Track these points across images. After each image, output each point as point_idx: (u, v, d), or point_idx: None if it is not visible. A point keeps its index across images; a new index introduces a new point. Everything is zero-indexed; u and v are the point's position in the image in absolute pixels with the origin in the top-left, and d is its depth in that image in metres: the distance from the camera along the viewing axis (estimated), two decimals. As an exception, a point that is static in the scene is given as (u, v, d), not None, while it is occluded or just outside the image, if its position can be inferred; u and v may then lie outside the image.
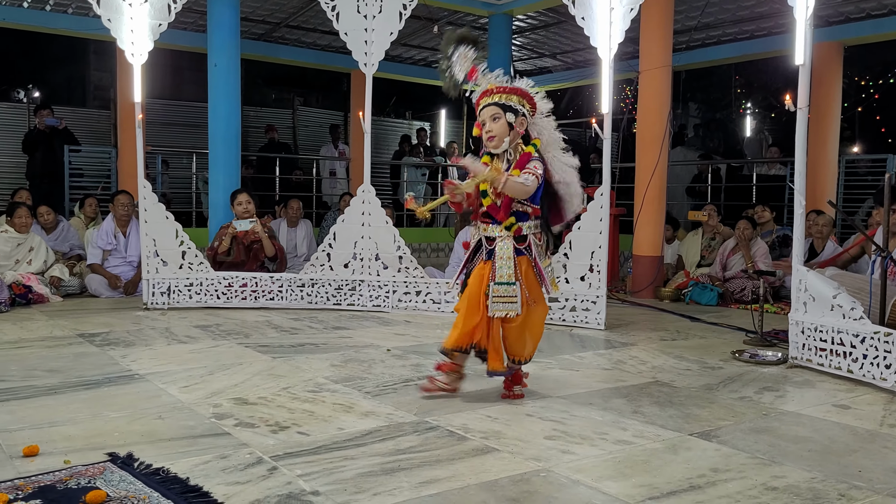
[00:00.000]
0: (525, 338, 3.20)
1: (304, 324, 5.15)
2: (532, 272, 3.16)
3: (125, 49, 5.54)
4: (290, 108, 14.39)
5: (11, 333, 4.60)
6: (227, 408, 3.04)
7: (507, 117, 3.10)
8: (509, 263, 3.09)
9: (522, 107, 3.13)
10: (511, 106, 3.10)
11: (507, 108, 3.10)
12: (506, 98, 3.11)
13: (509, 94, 3.12)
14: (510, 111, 3.10)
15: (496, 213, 3.13)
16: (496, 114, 3.10)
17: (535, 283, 3.18)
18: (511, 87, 3.13)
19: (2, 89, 13.86)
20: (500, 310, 3.07)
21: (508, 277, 3.07)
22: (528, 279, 3.15)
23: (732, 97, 15.33)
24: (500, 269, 3.09)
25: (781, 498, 2.20)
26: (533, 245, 3.16)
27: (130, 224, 6.67)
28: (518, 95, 3.13)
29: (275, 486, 2.21)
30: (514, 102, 3.11)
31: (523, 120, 3.14)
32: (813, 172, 7.28)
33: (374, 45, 5.74)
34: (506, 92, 3.12)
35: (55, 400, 3.11)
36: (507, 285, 3.07)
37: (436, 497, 2.16)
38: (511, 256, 3.10)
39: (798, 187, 4.00)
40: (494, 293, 3.07)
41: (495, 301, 3.07)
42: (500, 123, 3.10)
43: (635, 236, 6.99)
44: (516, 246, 3.13)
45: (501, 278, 3.08)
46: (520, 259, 3.13)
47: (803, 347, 3.96)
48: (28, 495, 2.10)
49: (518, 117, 3.12)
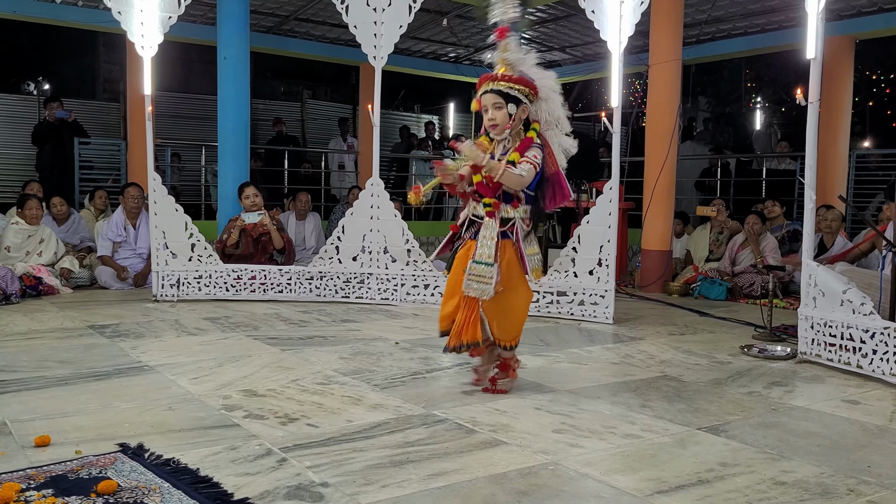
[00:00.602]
0: (506, 321, 3.19)
1: (312, 316, 5.16)
2: (515, 257, 3.15)
3: (135, 41, 5.55)
4: (299, 101, 14.40)
5: (22, 324, 4.63)
6: (237, 399, 3.05)
7: (508, 108, 3.11)
8: (491, 244, 3.07)
9: (526, 96, 3.13)
10: (514, 96, 3.10)
11: (510, 98, 3.10)
12: (510, 88, 3.10)
13: (514, 83, 3.11)
14: (512, 101, 3.10)
15: (485, 190, 3.13)
16: (498, 103, 3.11)
17: (518, 268, 3.17)
18: (517, 78, 3.12)
19: (12, 82, 13.92)
20: (472, 290, 3.05)
21: (488, 258, 3.05)
22: (510, 264, 3.14)
23: (742, 91, 15.26)
24: (480, 249, 3.08)
25: (790, 493, 2.20)
26: (519, 229, 3.15)
27: (140, 216, 6.70)
28: (523, 85, 3.12)
29: (284, 477, 2.22)
30: (518, 93, 3.11)
31: (525, 108, 3.15)
32: (823, 167, 7.24)
33: (384, 38, 5.73)
34: (511, 81, 3.11)
35: (66, 391, 3.13)
36: (485, 265, 3.04)
37: (444, 489, 2.16)
38: (494, 237, 3.08)
39: (808, 182, 3.98)
40: (471, 271, 3.06)
41: (470, 279, 3.06)
42: (502, 113, 3.11)
43: (644, 230, 6.97)
44: (501, 229, 3.12)
45: (481, 258, 3.06)
46: (504, 242, 3.13)
47: (812, 342, 3.95)
48: (40, 485, 2.12)
49: (520, 107, 3.13)
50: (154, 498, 2.04)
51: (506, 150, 3.17)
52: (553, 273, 5.33)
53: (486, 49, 3.28)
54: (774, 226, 7.46)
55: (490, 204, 3.12)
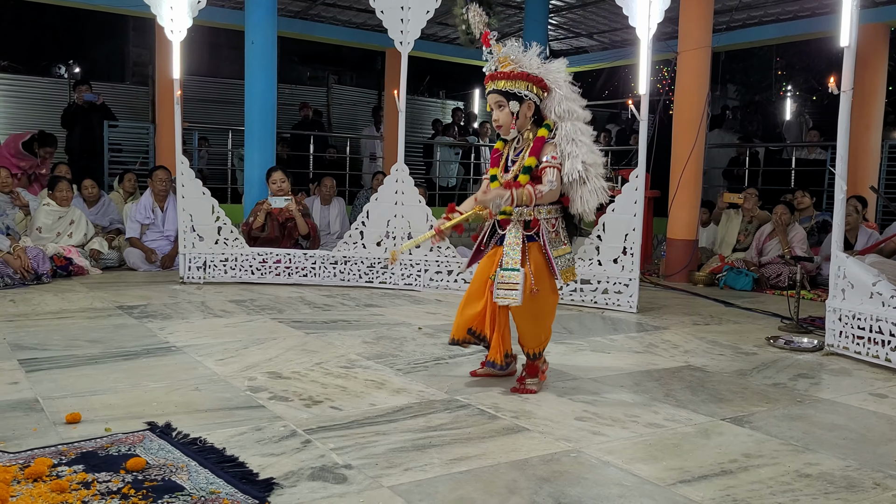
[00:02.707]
0: (534, 327, 3.07)
1: (336, 301, 5.20)
2: (543, 260, 3.01)
3: (164, 25, 5.59)
4: (325, 86, 14.43)
5: (53, 304, 4.71)
6: (262, 381, 3.09)
7: (510, 106, 3.00)
8: (517, 249, 2.97)
9: (530, 91, 3.00)
10: (515, 93, 2.98)
11: (510, 95, 2.99)
12: (510, 85, 2.98)
13: (514, 80, 2.98)
14: (514, 99, 2.99)
15: None
16: (500, 102, 3.01)
17: (545, 272, 3.02)
18: (517, 73, 2.99)
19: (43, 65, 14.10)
20: (501, 298, 2.93)
21: (514, 264, 2.94)
22: (538, 266, 2.99)
23: (773, 79, 15.04)
24: (506, 255, 2.97)
25: (815, 485, 2.18)
26: (544, 231, 3.00)
27: (168, 199, 6.78)
28: (524, 80, 2.99)
29: (308, 458, 2.25)
30: (520, 89, 2.98)
31: (531, 104, 3.02)
32: (854, 157, 7.12)
33: (411, 23, 5.72)
34: (510, 78, 2.99)
35: (96, 369, 3.19)
36: (512, 271, 2.93)
37: (466, 474, 2.18)
38: (519, 242, 2.98)
39: (839, 172, 3.92)
40: (500, 279, 2.94)
41: (498, 287, 2.94)
42: (504, 112, 3.01)
43: (670, 219, 6.91)
44: (525, 232, 3.00)
45: (507, 264, 2.95)
46: (531, 245, 3.00)
47: (840, 335, 3.90)
48: (71, 460, 2.16)
49: (524, 103, 3.00)
50: (181, 476, 2.08)
51: (518, 152, 3.06)
52: (577, 261, 5.31)
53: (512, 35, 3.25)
54: (803, 217, 7.36)
55: (507, 212, 3.00)
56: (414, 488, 2.06)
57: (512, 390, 3.06)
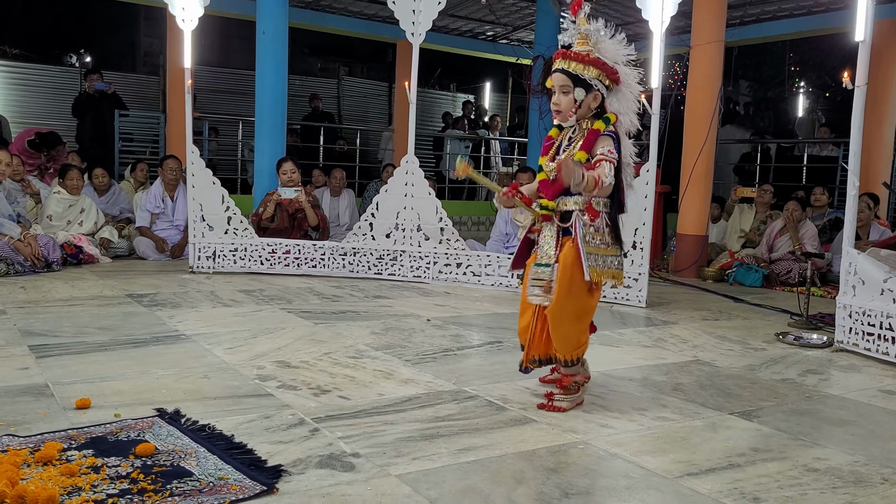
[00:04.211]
0: (564, 330, 2.71)
1: (345, 292, 5.21)
2: (574, 255, 2.66)
3: (176, 15, 5.60)
4: (335, 77, 14.43)
5: (64, 291, 4.74)
6: (271, 370, 3.10)
7: (576, 93, 2.68)
8: (551, 243, 2.74)
9: (600, 82, 2.69)
10: (585, 80, 2.67)
11: (579, 81, 2.67)
12: (581, 69, 2.66)
13: (588, 65, 2.66)
14: (582, 86, 2.67)
15: (546, 189, 2.78)
16: (565, 86, 2.69)
17: (577, 268, 2.65)
18: (592, 59, 2.67)
19: (54, 54, 14.14)
20: (535, 296, 2.72)
21: (547, 259, 2.72)
22: (567, 263, 2.67)
23: (786, 75, 14.94)
24: (541, 250, 2.77)
25: (822, 480, 2.18)
26: (579, 225, 2.68)
27: (178, 189, 6.79)
28: (598, 68, 2.67)
29: (316, 446, 2.26)
30: (591, 76, 2.67)
31: (597, 95, 2.71)
32: (867, 153, 7.06)
33: (422, 14, 5.70)
34: (584, 62, 2.66)
35: (106, 356, 3.20)
36: (545, 267, 2.71)
37: (474, 464, 2.18)
38: (554, 236, 2.74)
39: (852, 168, 3.90)
40: (532, 276, 2.74)
41: (532, 285, 2.74)
42: (567, 98, 2.69)
43: (680, 214, 6.89)
44: (560, 225, 2.74)
45: (541, 260, 2.75)
46: (566, 239, 2.72)
47: (850, 331, 3.88)
48: (81, 445, 2.18)
49: (590, 93, 2.69)
50: (190, 462, 2.09)
51: (571, 143, 2.75)
52: (586, 255, 5.30)
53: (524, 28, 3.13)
54: (816, 214, 7.32)
55: (547, 207, 2.75)
56: (421, 477, 2.07)
57: (539, 406, 2.73)
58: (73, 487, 1.89)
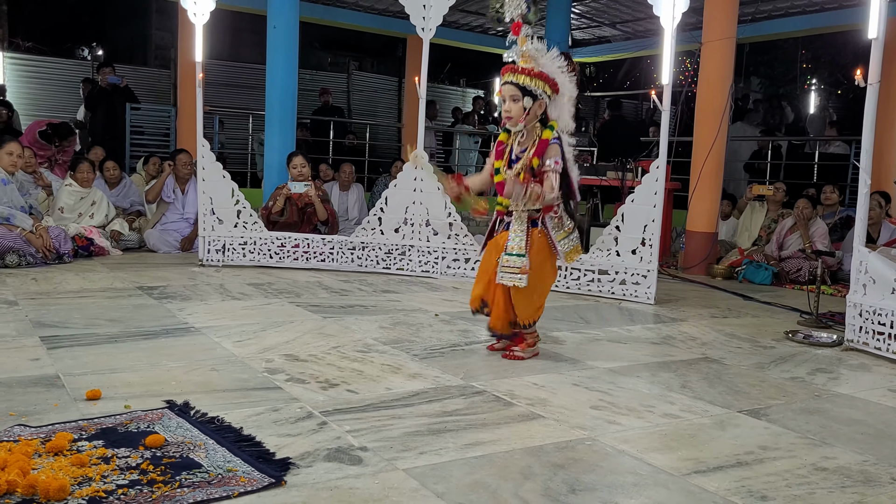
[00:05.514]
0: (531, 301, 3.29)
1: (353, 286, 5.22)
2: (545, 242, 3.25)
3: (187, 9, 5.61)
4: (346, 72, 14.43)
5: (74, 283, 4.77)
6: (279, 363, 3.11)
7: (524, 101, 3.15)
8: (522, 236, 3.20)
9: (544, 91, 3.17)
10: (532, 90, 3.14)
11: (527, 91, 3.14)
12: (528, 82, 3.14)
13: (534, 77, 3.14)
14: (529, 95, 3.15)
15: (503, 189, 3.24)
16: (515, 95, 3.16)
17: (546, 251, 3.26)
18: (537, 72, 3.15)
19: (67, 47, 14.20)
20: (506, 280, 3.18)
21: (519, 249, 3.18)
22: (540, 249, 3.24)
23: (798, 72, 14.85)
24: (511, 241, 3.21)
25: (831, 479, 2.17)
26: (546, 218, 3.25)
27: (189, 181, 6.82)
28: (542, 80, 3.15)
29: (324, 439, 2.27)
30: (536, 87, 3.15)
31: (542, 103, 3.19)
32: (879, 151, 7.01)
33: (433, 9, 5.70)
34: (530, 75, 3.14)
35: (116, 348, 3.23)
36: (517, 257, 3.17)
37: (481, 459, 2.19)
38: (524, 229, 3.22)
39: (864, 166, 3.87)
40: (504, 262, 3.19)
41: (503, 270, 3.19)
42: (517, 106, 3.17)
43: (690, 212, 6.86)
44: (531, 218, 3.24)
45: (512, 250, 3.19)
46: (533, 230, 3.24)
47: (860, 330, 3.86)
48: (91, 436, 2.19)
49: (536, 101, 3.16)
50: (199, 453, 2.10)
51: (523, 148, 3.24)
52: (595, 251, 5.30)
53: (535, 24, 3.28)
54: (827, 212, 7.28)
55: (504, 204, 3.26)
56: (428, 471, 2.08)
57: (503, 356, 3.36)
58: (83, 478, 1.91)
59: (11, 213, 5.48)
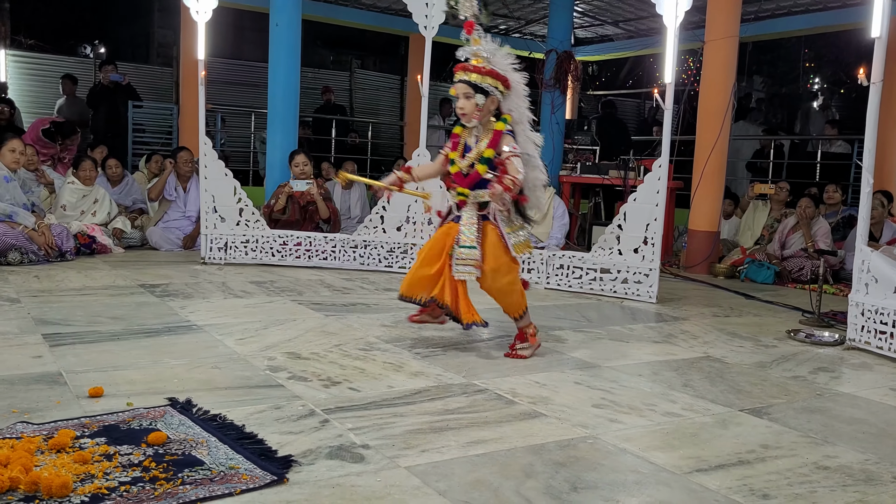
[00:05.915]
0: (507, 297, 3.35)
1: (355, 284, 5.22)
2: (497, 236, 3.30)
3: (190, 6, 5.61)
4: (348, 70, 14.42)
5: (77, 281, 4.77)
6: (281, 361, 3.11)
7: (477, 98, 3.26)
8: (472, 228, 3.27)
9: (496, 88, 3.27)
10: (483, 88, 3.25)
11: (478, 89, 3.25)
12: (480, 79, 3.25)
13: (485, 76, 3.25)
14: (481, 92, 3.25)
15: (461, 181, 3.34)
16: (468, 93, 3.27)
17: (501, 248, 3.30)
18: (488, 70, 3.26)
19: (69, 44, 14.21)
20: (461, 273, 3.24)
21: (470, 242, 3.24)
22: (494, 244, 3.28)
23: (800, 71, 14.83)
24: (463, 233, 3.27)
25: (833, 477, 2.17)
26: (496, 212, 3.30)
27: (191, 179, 6.83)
28: (493, 77, 3.26)
29: (326, 437, 2.27)
30: (488, 84, 3.25)
31: (494, 99, 3.29)
32: (882, 150, 6.99)
33: (435, 7, 5.69)
34: (481, 73, 3.25)
35: (118, 346, 3.23)
36: (469, 248, 3.24)
37: (483, 457, 2.19)
38: (475, 222, 3.28)
39: (867, 165, 3.87)
40: (458, 256, 3.24)
41: (458, 263, 3.24)
42: (470, 102, 3.27)
43: (692, 211, 6.86)
44: (480, 212, 3.30)
45: (465, 242, 3.25)
46: (485, 224, 3.31)
47: (862, 329, 3.86)
48: (94, 433, 2.20)
49: (489, 98, 3.26)
50: (201, 451, 2.10)
51: (477, 140, 3.33)
52: (597, 250, 5.30)
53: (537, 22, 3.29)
54: (830, 211, 7.27)
55: (463, 194, 3.32)
56: (430, 469, 2.08)
57: (506, 355, 3.38)
58: (85, 474, 1.91)
59: (14, 210, 5.48)
